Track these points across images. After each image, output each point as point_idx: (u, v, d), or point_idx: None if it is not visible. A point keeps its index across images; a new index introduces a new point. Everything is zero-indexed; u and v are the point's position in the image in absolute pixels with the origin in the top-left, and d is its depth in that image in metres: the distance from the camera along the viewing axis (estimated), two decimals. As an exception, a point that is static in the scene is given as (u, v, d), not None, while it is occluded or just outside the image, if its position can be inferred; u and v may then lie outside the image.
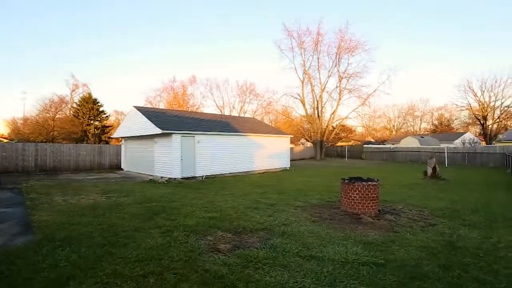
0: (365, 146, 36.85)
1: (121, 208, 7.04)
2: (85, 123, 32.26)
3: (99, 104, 33.55)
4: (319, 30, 33.66)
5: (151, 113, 15.90)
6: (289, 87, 49.31)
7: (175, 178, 13.24)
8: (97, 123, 33.43)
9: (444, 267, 3.74)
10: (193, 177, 13.95)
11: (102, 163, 18.23)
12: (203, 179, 14.03)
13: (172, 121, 15.24)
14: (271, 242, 4.58)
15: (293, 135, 27.44)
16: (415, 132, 57.71)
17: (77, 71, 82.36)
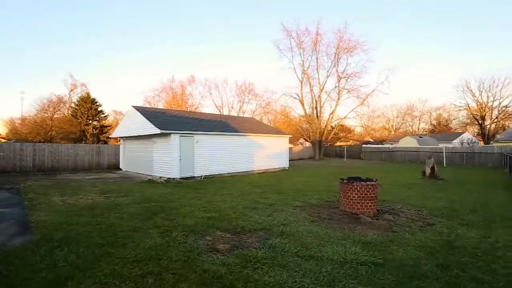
0: (363, 146, 36.90)
1: (120, 208, 7.03)
2: (84, 123, 32.17)
3: (97, 104, 33.47)
4: (318, 30, 33.79)
5: (149, 113, 15.87)
6: (288, 87, 49.32)
7: (173, 178, 13.23)
8: (95, 123, 33.35)
9: (442, 267, 3.76)
10: (192, 177, 13.94)
11: (100, 163, 18.19)
12: (202, 179, 14.02)
13: (170, 121, 15.22)
14: (270, 242, 4.58)
15: (292, 135, 27.46)
16: (414, 132, 57.91)
17: (77, 71, 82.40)
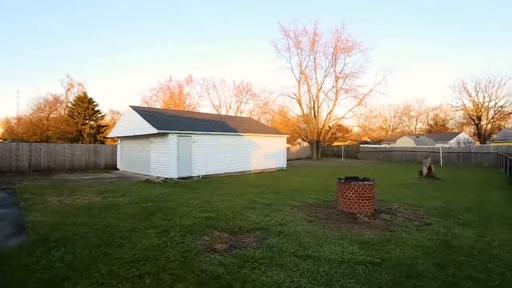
0: (361, 146, 37.04)
1: (117, 208, 6.99)
2: (80, 123, 31.98)
3: (94, 103, 33.31)
4: (315, 30, 33.86)
5: (147, 113, 15.81)
6: (286, 87, 49.49)
7: (171, 178, 13.19)
8: (92, 122, 33.18)
9: (439, 266, 3.78)
10: (189, 177, 13.90)
11: (97, 163, 18.10)
12: (200, 179, 13.99)
13: (168, 121, 15.17)
14: (267, 242, 4.58)
15: (289, 135, 27.52)
16: (411, 132, 58.17)
17: (76, 71, 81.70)
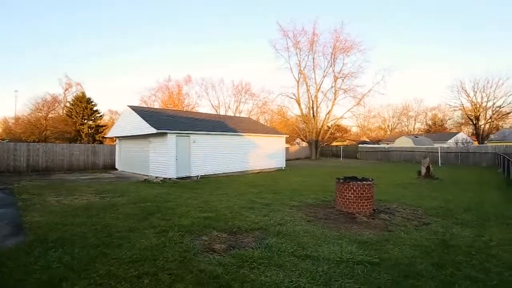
0: (360, 146, 37.12)
1: (115, 208, 6.97)
2: (79, 123, 31.90)
3: (93, 103, 33.22)
4: (314, 30, 33.87)
5: (145, 113, 15.79)
6: (285, 87, 49.47)
7: (170, 178, 13.17)
8: (90, 122, 33.10)
9: (437, 266, 3.79)
10: (188, 177, 13.89)
11: (96, 163, 18.04)
12: (198, 179, 13.98)
13: (167, 120, 15.15)
14: (266, 241, 4.58)
15: (288, 135, 27.53)
16: (409, 132, 58.31)
17: (76, 71, 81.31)
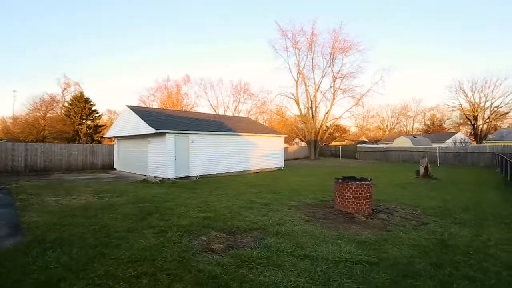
0: (358, 145, 37.15)
1: (114, 208, 6.96)
2: (77, 123, 31.82)
3: (91, 103, 33.14)
4: (313, 30, 33.88)
5: (144, 113, 15.75)
6: (284, 87, 49.11)
7: (169, 178, 13.15)
8: (89, 122, 33.03)
9: (435, 265, 3.80)
10: (187, 177, 13.87)
11: (94, 163, 18.00)
12: (197, 179, 13.96)
13: (165, 120, 15.13)
14: (265, 241, 4.58)
15: (287, 135, 27.52)
16: (408, 132, 58.49)
17: (76, 71, 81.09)
